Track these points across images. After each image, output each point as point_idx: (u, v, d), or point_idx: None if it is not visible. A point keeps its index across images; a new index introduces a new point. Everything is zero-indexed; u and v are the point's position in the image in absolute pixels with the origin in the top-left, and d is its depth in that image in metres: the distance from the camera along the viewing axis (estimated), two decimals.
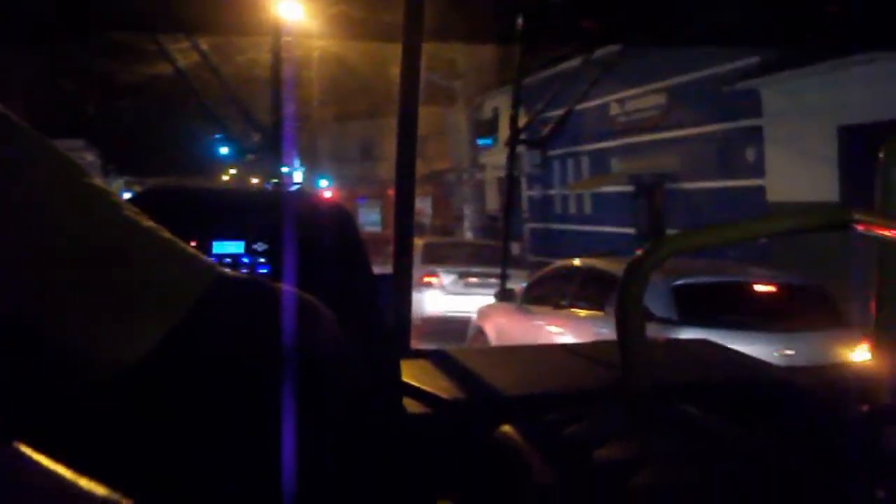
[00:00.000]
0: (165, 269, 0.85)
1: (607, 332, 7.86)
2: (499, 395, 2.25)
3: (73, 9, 2.86)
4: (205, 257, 0.91)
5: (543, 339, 10.04)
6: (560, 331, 10.06)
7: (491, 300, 12.42)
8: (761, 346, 7.21)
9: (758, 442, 1.32)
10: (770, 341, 7.98)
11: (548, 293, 10.97)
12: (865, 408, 1.53)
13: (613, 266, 9.75)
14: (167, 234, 0.88)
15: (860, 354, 7.49)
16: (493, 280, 15.62)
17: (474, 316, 12.75)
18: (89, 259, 0.78)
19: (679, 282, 8.70)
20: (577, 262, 11.12)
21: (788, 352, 7.86)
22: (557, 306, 10.53)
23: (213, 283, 0.87)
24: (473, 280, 16.53)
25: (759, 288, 9.15)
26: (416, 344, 3.07)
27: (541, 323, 10.67)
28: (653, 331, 7.34)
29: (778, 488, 1.19)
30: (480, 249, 19.20)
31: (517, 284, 12.32)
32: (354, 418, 1.53)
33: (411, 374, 2.27)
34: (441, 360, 2.57)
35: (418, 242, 17.39)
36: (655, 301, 8.42)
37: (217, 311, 0.86)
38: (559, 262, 12.20)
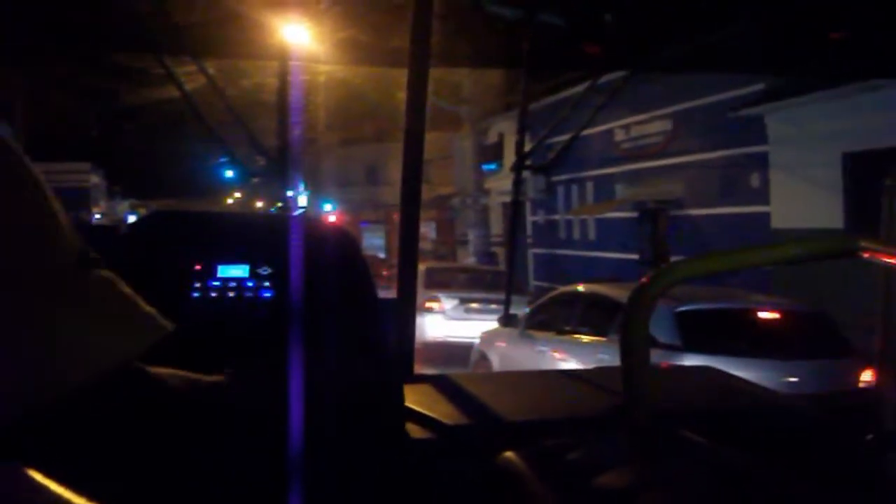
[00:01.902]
0: (110, 315, 0.86)
1: (609, 358, 8.54)
2: (502, 420, 2.24)
3: (81, 31, 2.87)
4: (155, 315, 0.90)
5: (546, 365, 10.02)
6: (562, 357, 10.06)
7: (493, 325, 12.47)
8: (765, 373, 7.18)
9: (762, 469, 1.31)
10: (773, 368, 7.93)
11: (550, 319, 10.93)
12: (870, 435, 1.53)
13: (616, 292, 9.78)
14: (122, 287, 0.88)
15: (864, 383, 7.80)
16: (494, 306, 15.97)
17: (477, 341, 12.79)
18: (39, 287, 0.79)
19: (683, 308, 8.63)
20: (580, 287, 11.09)
21: (792, 379, 7.86)
22: (560, 332, 10.52)
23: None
24: (475, 305, 16.61)
25: (762, 315, 9.08)
26: (418, 369, 3.07)
27: (543, 349, 10.64)
28: (657, 357, 7.61)
29: None
30: (482, 275, 19.69)
31: (520, 310, 12.24)
32: (356, 443, 1.53)
33: (414, 398, 2.26)
34: (444, 386, 2.57)
35: (421, 268, 17.42)
36: (659, 327, 8.32)
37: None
38: (562, 288, 12.19)
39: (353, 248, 2.16)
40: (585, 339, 9.94)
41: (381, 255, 36.68)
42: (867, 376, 7.81)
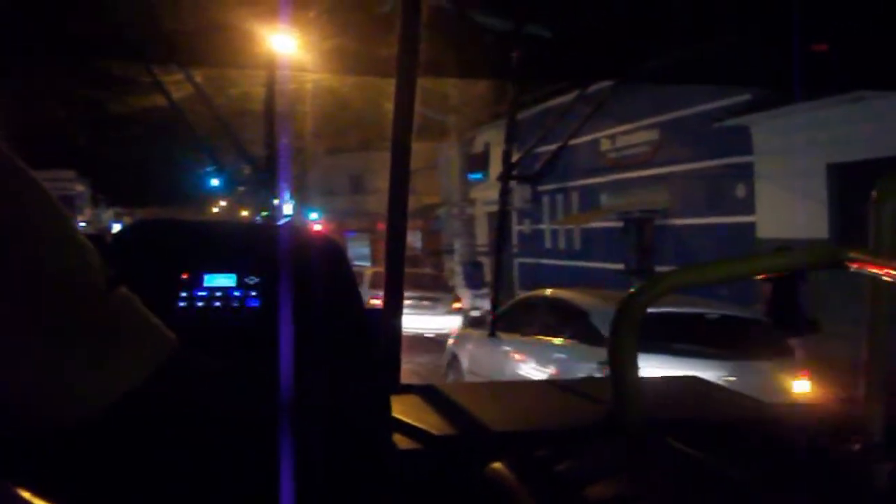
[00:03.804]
0: (131, 332, 0.86)
1: (565, 357, 9.71)
2: (489, 431, 2.24)
3: (68, 40, 2.86)
4: (167, 331, 0.91)
5: (510, 366, 10.79)
6: (524, 358, 10.66)
7: (427, 317, 13.34)
8: (709, 372, 7.47)
9: (749, 479, 1.31)
10: (717, 367, 8.54)
11: (516, 322, 11.24)
12: (857, 445, 1.53)
13: (577, 297, 10.54)
14: (139, 305, 0.89)
15: (799, 383, 8.95)
16: (427, 302, 20.24)
17: (450, 341, 13.53)
18: (64, 310, 0.79)
19: None
20: (544, 293, 11.72)
21: (732, 378, 8.33)
22: (524, 334, 10.97)
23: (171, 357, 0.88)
24: (408, 302, 16.97)
25: (709, 319, 9.73)
26: None
27: (508, 349, 11.06)
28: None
29: None
30: (420, 277, 23.07)
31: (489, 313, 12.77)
32: (344, 454, 1.52)
33: (401, 409, 2.26)
34: (431, 396, 2.56)
35: (368, 272, 21.09)
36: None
37: (171, 383, 0.87)
38: (528, 293, 13.06)
39: (340, 258, 2.15)
40: (545, 340, 10.48)
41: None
42: (802, 379, 8.98)
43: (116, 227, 32.87)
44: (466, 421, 2.35)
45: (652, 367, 7.47)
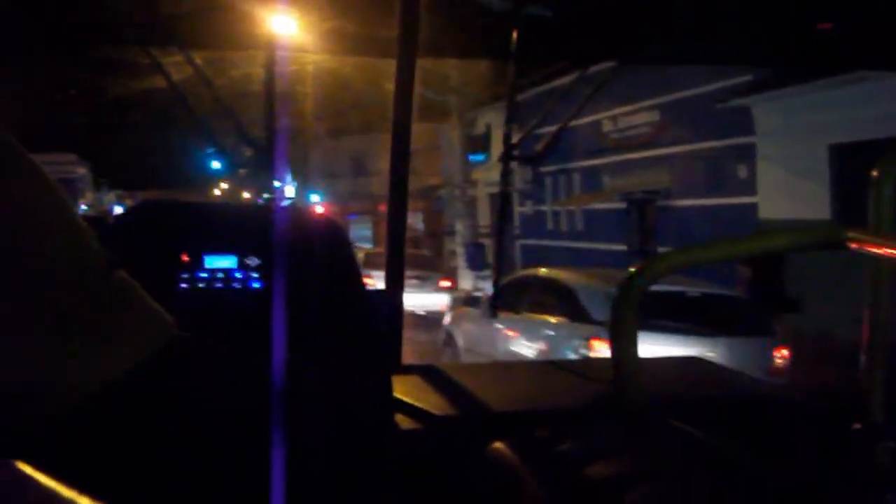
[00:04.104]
0: (130, 315, 0.86)
1: (554, 334, 10.32)
2: (491, 411, 2.25)
3: (68, 23, 2.86)
4: (165, 315, 0.91)
5: (502, 342, 11.50)
6: (516, 334, 11.26)
7: (414, 295, 14.04)
8: (690, 348, 8.55)
9: (752, 459, 1.32)
10: (697, 343, 9.09)
11: (510, 300, 11.65)
12: (858, 425, 1.53)
13: (566, 276, 11.19)
14: (138, 288, 0.89)
15: (777, 359, 9.68)
16: (414, 280, 21.54)
17: (446, 320, 14.21)
18: (64, 292, 0.79)
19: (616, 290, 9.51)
20: (537, 272, 12.40)
21: (712, 353, 8.58)
22: (517, 312, 11.47)
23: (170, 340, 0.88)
24: None
25: (689, 297, 10.16)
26: None
27: (501, 327, 11.65)
28: (593, 332, 9.02)
29: None
30: (411, 258, 22.75)
31: (485, 293, 14.33)
32: (346, 435, 1.53)
33: (403, 389, 2.26)
34: (432, 376, 2.57)
35: (360, 253, 22.18)
36: (598, 307, 9.62)
37: (169, 365, 0.87)
38: (522, 272, 13.89)
39: (342, 239, 2.15)
40: (537, 318, 11.05)
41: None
42: (780, 355, 9.72)
43: (118, 210, 32.84)
44: (467, 401, 2.36)
45: (641, 347, 8.23)
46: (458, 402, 2.32)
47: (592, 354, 9.16)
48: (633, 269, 1.42)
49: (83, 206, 32.49)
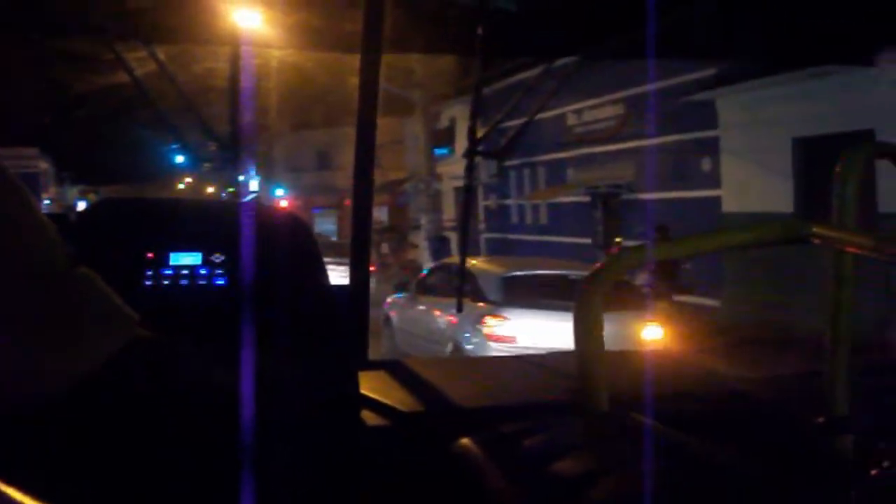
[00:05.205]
0: (94, 312, 0.85)
1: (453, 311, 11.96)
2: (457, 406, 2.25)
3: (29, 15, 2.83)
4: (130, 311, 0.90)
5: (422, 319, 13.69)
6: (430, 312, 13.40)
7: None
8: (566, 323, 8.83)
9: (715, 453, 1.32)
10: (571, 318, 10.07)
11: (431, 285, 14.20)
12: (821, 418, 1.54)
13: (471, 264, 12.64)
14: (101, 284, 0.88)
15: (648, 332, 11.32)
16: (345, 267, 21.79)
17: (386, 304, 15.86)
18: (25, 290, 0.78)
19: (506, 274, 12.40)
20: (451, 260, 15.09)
21: None
22: (434, 295, 13.58)
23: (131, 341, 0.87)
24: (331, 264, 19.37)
25: (568, 279, 11.92)
26: None
27: (422, 308, 13.85)
28: (486, 311, 11.30)
29: (736, 499, 1.19)
30: (344, 247, 24.12)
31: (412, 280, 16.72)
32: (311, 431, 1.52)
33: (369, 385, 2.26)
34: (399, 372, 2.57)
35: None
36: (490, 289, 12.03)
37: (133, 364, 0.86)
38: (440, 262, 16.54)
39: (306, 234, 2.15)
40: (446, 300, 12.36)
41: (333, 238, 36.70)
42: (651, 327, 11.49)
43: (82, 205, 32.62)
44: (434, 397, 2.36)
45: (523, 319, 11.28)
46: (424, 398, 2.32)
47: (485, 329, 11.40)
48: (597, 266, 1.42)
49: (46, 201, 32.23)
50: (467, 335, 11.87)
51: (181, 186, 50.04)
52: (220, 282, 2.01)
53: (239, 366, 1.15)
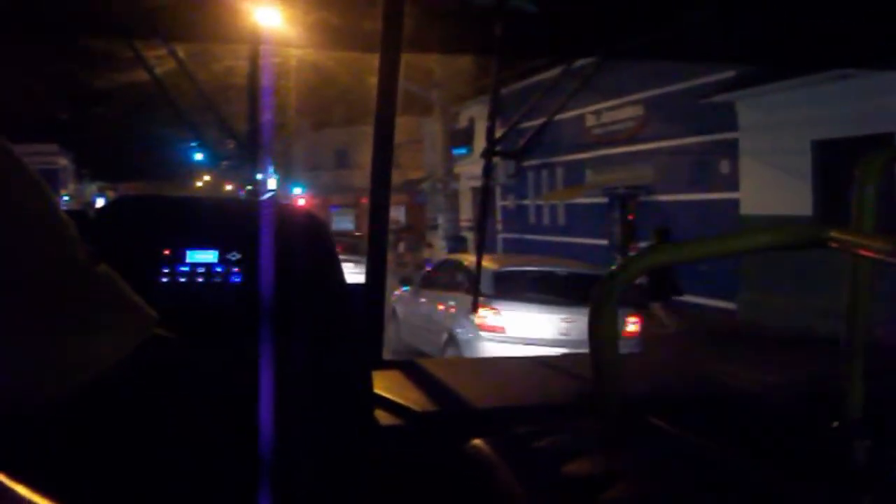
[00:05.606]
0: (113, 310, 0.86)
1: (454, 304, 12.82)
2: (470, 407, 2.25)
3: (51, 14, 2.84)
4: (149, 309, 0.91)
5: (424, 311, 14.22)
6: (432, 305, 13.86)
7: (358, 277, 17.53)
8: (552, 315, 11.70)
9: (731, 456, 1.32)
10: (559, 311, 11.65)
11: (434, 280, 14.78)
12: (836, 423, 1.54)
13: (468, 260, 13.71)
14: (120, 282, 0.88)
15: (629, 325, 11.86)
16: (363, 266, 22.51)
17: (392, 297, 15.99)
18: (46, 287, 0.78)
19: (499, 270, 12.78)
20: (455, 257, 15.83)
21: (573, 318, 11.30)
22: (437, 289, 14.15)
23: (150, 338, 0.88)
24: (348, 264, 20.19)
25: (556, 274, 12.92)
26: None
27: (423, 301, 14.41)
28: (480, 301, 10.74)
29: (749, 502, 1.19)
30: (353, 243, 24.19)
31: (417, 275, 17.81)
32: (325, 429, 1.52)
33: (383, 385, 2.26)
34: (413, 372, 2.57)
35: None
36: (483, 283, 12.15)
37: (151, 361, 0.87)
38: (444, 258, 17.01)
39: (322, 233, 2.15)
40: (447, 293, 13.42)
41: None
42: (632, 321, 12.00)
43: (100, 202, 32.74)
44: (448, 397, 2.36)
45: (512, 311, 11.84)
46: (438, 398, 2.32)
47: (476, 318, 11.95)
48: (613, 268, 1.42)
49: (65, 197, 32.38)
50: (461, 325, 12.51)
51: (199, 184, 50.17)
52: (236, 279, 2.01)
53: (254, 363, 1.15)
